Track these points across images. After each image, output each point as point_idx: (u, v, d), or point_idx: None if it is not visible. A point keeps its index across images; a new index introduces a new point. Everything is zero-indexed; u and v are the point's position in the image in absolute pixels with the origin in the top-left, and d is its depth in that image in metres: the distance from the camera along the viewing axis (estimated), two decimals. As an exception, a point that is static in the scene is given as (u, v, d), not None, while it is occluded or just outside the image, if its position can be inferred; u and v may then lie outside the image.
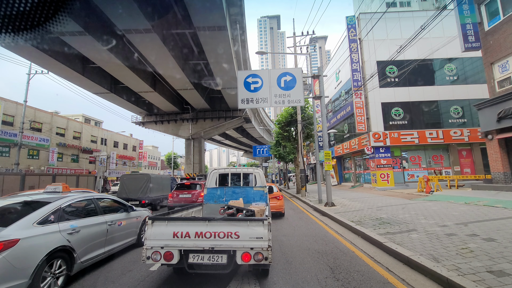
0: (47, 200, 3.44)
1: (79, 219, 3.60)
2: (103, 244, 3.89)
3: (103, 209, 4.23)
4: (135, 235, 4.88)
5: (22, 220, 2.91)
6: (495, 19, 10.06)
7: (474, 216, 5.84)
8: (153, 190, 10.82)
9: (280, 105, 8.84)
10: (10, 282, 2.45)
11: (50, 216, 3.20)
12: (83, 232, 3.50)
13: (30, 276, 2.64)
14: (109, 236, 4.03)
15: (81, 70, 19.48)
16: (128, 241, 4.62)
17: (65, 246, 3.15)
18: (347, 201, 10.50)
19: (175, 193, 9.82)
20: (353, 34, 16.38)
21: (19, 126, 19.10)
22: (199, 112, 30.28)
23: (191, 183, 10.40)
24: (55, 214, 3.27)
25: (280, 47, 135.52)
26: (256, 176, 5.27)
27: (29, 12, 1.15)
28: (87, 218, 3.77)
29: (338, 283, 3.05)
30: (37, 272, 2.73)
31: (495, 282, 2.61)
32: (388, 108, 16.10)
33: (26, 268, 2.64)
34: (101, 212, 4.12)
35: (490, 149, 10.40)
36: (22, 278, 2.58)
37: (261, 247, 2.69)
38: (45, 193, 4.14)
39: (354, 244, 4.72)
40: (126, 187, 10.65)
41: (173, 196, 9.72)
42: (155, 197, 10.96)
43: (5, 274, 2.45)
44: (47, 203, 3.33)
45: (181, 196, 9.63)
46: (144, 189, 10.51)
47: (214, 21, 14.67)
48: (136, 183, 10.69)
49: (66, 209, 3.52)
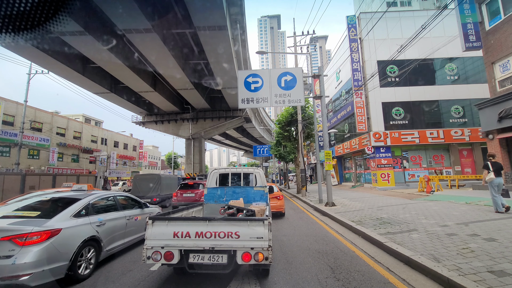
0: (78, 196, 3.94)
1: (104, 214, 4.12)
2: (122, 236, 4.35)
3: (122, 205, 4.70)
4: None
5: (62, 213, 3.43)
6: (496, 19, 10.03)
7: (475, 216, 5.83)
8: (163, 189, 11.54)
9: (281, 105, 8.83)
10: (56, 263, 3.03)
11: (82, 210, 3.73)
12: (107, 224, 4.01)
13: (70, 260, 3.19)
14: (128, 229, 4.49)
15: (82, 70, 19.50)
16: (142, 235, 4.87)
17: (94, 236, 3.67)
18: (348, 201, 10.49)
19: (179, 192, 10.13)
20: (354, 33, 16.35)
21: (19, 126, 19.13)
22: (200, 112, 30.29)
23: (194, 182, 10.78)
24: (86, 209, 3.80)
25: (280, 46, 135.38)
26: (256, 176, 5.27)
27: (30, 12, 1.15)
28: (110, 213, 4.27)
29: (338, 283, 3.05)
30: (74, 257, 3.26)
31: (496, 282, 2.61)
32: (388, 107, 16.08)
33: (67, 252, 3.18)
34: (121, 208, 4.60)
35: (491, 149, 10.38)
36: (64, 260, 3.13)
37: (262, 247, 2.69)
38: (72, 191, 4.64)
39: (355, 244, 4.72)
40: (139, 186, 11.37)
41: (177, 196, 10.00)
42: (165, 196, 11.51)
43: (52, 257, 3.01)
44: (78, 199, 3.84)
45: (184, 195, 9.96)
46: (155, 188, 11.21)
47: (215, 21, 14.67)
48: (148, 182, 11.44)
49: (94, 205, 4.03)
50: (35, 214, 3.42)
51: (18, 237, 2.86)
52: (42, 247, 2.92)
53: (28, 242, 2.87)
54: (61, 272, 3.08)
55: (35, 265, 2.80)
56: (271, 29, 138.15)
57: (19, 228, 2.95)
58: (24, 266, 2.74)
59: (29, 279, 2.73)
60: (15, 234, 2.87)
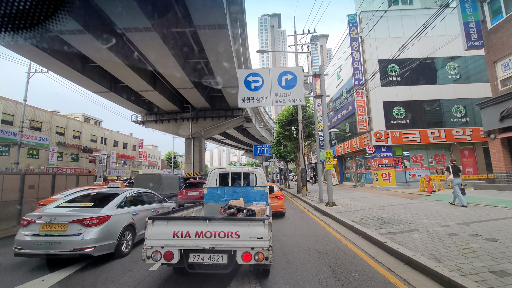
0: (117, 192, 5.00)
1: (136, 206, 5.11)
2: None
3: (148, 200, 5.68)
4: None
5: (109, 204, 4.47)
6: (498, 17, 9.96)
7: (476, 216, 5.81)
8: (164, 189, 11.76)
9: (281, 104, 8.80)
10: (109, 240, 4.09)
11: (122, 203, 4.77)
12: (139, 214, 5.00)
13: (117, 239, 4.24)
14: None
15: (81, 69, 19.47)
16: None
17: (131, 223, 4.70)
18: (348, 200, 10.47)
19: (184, 191, 10.90)
20: (355, 32, 16.28)
21: (18, 125, 19.12)
22: (200, 111, 30.25)
23: (198, 181, 11.18)
24: (124, 202, 4.85)
25: (281, 45, 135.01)
26: (256, 175, 5.25)
27: (29, 10, 1.14)
28: (140, 205, 5.26)
29: (339, 283, 3.03)
30: (119, 237, 4.29)
31: (497, 282, 2.59)
32: (389, 107, 16.02)
33: (115, 233, 4.22)
34: (147, 201, 5.62)
35: (493, 148, 10.34)
36: (113, 239, 4.18)
37: (262, 247, 2.67)
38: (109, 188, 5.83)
39: (355, 244, 4.70)
40: (140, 185, 11.51)
41: (182, 194, 10.73)
42: (166, 195, 11.69)
43: (106, 235, 4.05)
44: (118, 194, 4.86)
45: (189, 194, 10.64)
46: (156, 188, 11.37)
47: (215, 20, 14.61)
48: (149, 182, 11.64)
49: (129, 199, 5.05)
50: (90, 204, 4.45)
51: (84, 220, 3.90)
52: (99, 228, 3.98)
53: (91, 224, 3.93)
54: (112, 247, 4.12)
55: (96, 240, 3.86)
56: (272, 28, 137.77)
57: (84, 214, 4.00)
58: (89, 241, 3.80)
59: (92, 250, 3.79)
60: (82, 218, 3.91)
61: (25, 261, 4.19)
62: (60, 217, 3.88)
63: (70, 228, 3.80)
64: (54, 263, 3.99)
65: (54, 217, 3.87)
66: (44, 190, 7.84)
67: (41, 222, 3.83)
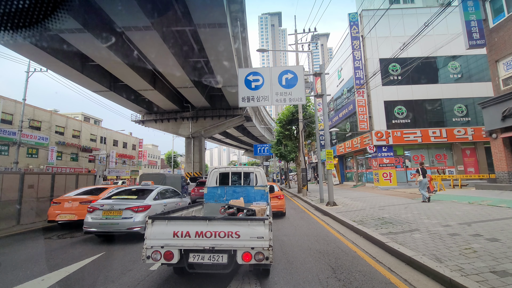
0: (151, 188, 6.32)
1: (165, 199, 6.30)
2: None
3: (171, 195, 6.90)
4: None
5: (149, 197, 5.76)
6: (499, 16, 9.90)
7: (477, 216, 5.78)
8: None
9: (281, 103, 8.76)
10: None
11: (156, 196, 6.03)
12: (168, 206, 6.12)
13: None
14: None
15: (80, 68, 19.43)
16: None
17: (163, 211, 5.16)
18: (349, 200, 10.46)
19: (196, 188, 12.74)
20: (356, 31, 16.21)
21: (18, 124, 19.12)
22: (199, 111, 30.21)
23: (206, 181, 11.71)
24: (157, 195, 6.07)
25: (281, 44, 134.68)
26: (257, 175, 5.22)
27: (28, 9, 1.13)
28: (168, 199, 6.45)
29: (339, 283, 3.01)
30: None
31: (498, 282, 2.57)
32: (391, 106, 15.97)
33: None
34: (172, 196, 6.86)
35: (495, 148, 10.30)
36: None
37: (262, 246, 2.66)
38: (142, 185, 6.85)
39: (356, 244, 4.68)
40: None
41: (195, 191, 12.55)
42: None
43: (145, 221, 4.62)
44: (152, 189, 6.17)
45: (200, 191, 12.08)
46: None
47: (215, 18, 14.56)
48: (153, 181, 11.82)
49: (160, 193, 6.27)
50: (135, 197, 5.74)
51: (134, 208, 5.22)
52: (144, 213, 5.21)
53: (139, 211, 5.22)
54: None
55: (142, 222, 5.05)
56: (272, 27, 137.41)
57: (133, 203, 5.34)
58: (138, 223, 5.08)
59: (140, 230, 5.02)
60: (133, 206, 5.25)
61: (25, 260, 4.19)
62: (117, 205, 5.20)
63: (124, 213, 5.13)
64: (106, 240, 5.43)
65: (113, 206, 5.19)
66: (43, 189, 7.77)
67: (103, 209, 5.14)
